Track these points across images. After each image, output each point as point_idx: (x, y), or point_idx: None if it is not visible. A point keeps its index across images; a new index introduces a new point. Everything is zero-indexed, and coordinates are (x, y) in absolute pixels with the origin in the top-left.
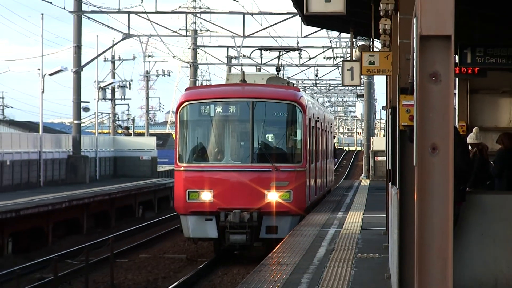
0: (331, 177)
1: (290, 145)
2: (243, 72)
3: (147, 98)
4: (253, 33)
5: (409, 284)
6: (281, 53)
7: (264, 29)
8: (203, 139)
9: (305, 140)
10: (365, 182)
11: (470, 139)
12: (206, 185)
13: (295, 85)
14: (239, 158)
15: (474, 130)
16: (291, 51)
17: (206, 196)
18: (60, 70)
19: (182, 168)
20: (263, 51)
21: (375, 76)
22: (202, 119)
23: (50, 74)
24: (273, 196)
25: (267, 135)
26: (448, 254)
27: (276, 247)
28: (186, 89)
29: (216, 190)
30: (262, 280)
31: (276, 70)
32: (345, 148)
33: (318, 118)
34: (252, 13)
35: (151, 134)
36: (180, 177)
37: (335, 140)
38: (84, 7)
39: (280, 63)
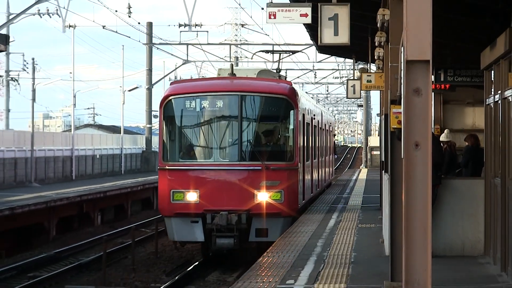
0: (331, 171)
1: (281, 142)
2: (232, 65)
3: None
4: (280, 59)
5: (398, 247)
6: (281, 56)
7: (288, 56)
8: (189, 136)
9: (297, 136)
10: (364, 170)
11: (442, 137)
12: (192, 185)
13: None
14: (226, 156)
15: (445, 131)
16: (292, 53)
17: (192, 196)
18: (136, 87)
19: (166, 167)
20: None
21: (371, 91)
22: (187, 114)
23: (129, 90)
24: (263, 197)
25: (256, 131)
26: (427, 224)
27: (298, 219)
28: (171, 83)
29: (202, 190)
30: (288, 243)
31: (276, 71)
32: (349, 145)
33: (314, 115)
34: (279, 44)
35: None
36: (164, 177)
37: (340, 139)
38: (154, 40)
39: (280, 65)
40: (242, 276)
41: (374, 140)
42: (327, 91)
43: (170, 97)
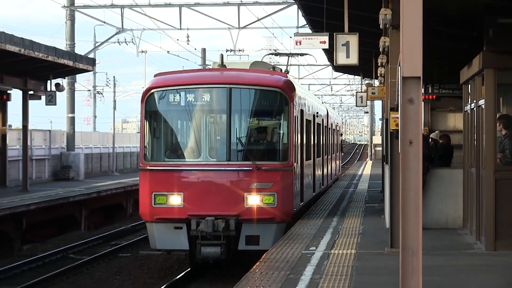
0: (338, 168)
1: (274, 140)
2: (222, 55)
3: None
4: (303, 77)
5: (396, 221)
6: (289, 58)
7: (311, 74)
8: (172, 133)
9: (292, 133)
10: (370, 162)
11: (432, 135)
12: (175, 187)
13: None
14: (213, 156)
15: (437, 131)
16: (299, 56)
17: (175, 200)
18: None
19: (147, 167)
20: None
21: (375, 101)
22: (171, 109)
23: None
24: (254, 200)
25: (247, 128)
26: (418, 203)
27: (317, 201)
28: (155, 75)
29: (187, 193)
30: (310, 216)
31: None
32: (357, 142)
33: (317, 112)
34: (304, 65)
35: None
36: (145, 178)
37: (351, 138)
38: (207, 62)
39: (288, 67)
40: (275, 244)
41: (377, 139)
42: (341, 101)
43: (152, 90)
